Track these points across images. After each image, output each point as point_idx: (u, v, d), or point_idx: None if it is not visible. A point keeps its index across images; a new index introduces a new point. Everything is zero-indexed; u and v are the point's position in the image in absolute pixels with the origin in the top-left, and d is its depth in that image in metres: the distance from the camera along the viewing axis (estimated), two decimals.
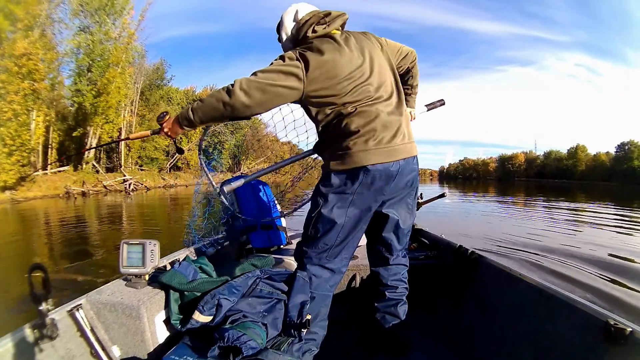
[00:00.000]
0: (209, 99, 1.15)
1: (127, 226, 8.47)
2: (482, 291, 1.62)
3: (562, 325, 1.08)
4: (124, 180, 21.77)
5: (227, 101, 1.11)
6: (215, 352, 0.91)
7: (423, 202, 2.46)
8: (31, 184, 16.15)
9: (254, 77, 1.13)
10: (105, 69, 21.59)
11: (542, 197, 19.39)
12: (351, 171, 1.19)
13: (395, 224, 1.34)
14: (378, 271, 1.46)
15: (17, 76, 15.71)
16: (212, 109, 1.14)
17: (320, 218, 1.24)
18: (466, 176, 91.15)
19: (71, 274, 3.94)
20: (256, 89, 1.11)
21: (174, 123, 1.23)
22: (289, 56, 1.17)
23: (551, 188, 34.27)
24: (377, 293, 1.47)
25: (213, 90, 1.13)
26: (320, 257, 1.28)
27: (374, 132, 1.18)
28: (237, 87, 1.10)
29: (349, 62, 1.19)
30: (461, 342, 1.55)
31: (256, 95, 1.12)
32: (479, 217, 10.33)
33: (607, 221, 9.29)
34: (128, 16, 23.63)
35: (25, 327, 0.95)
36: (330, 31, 1.25)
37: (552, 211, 12.06)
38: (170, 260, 1.60)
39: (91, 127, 21.37)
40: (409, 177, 1.27)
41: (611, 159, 57.26)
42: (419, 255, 2.04)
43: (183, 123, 1.21)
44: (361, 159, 1.17)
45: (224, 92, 1.12)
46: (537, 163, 72.99)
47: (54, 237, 7.04)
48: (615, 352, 0.89)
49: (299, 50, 1.20)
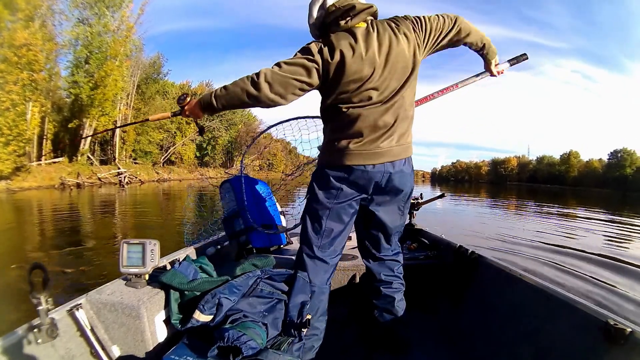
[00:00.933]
0: (233, 88, 1.17)
1: (123, 219, 8.54)
2: (482, 291, 1.62)
3: (562, 325, 1.08)
4: (118, 173, 21.84)
5: (252, 93, 1.14)
6: (215, 352, 0.91)
7: (423, 202, 2.49)
8: (26, 174, 16.22)
9: (279, 70, 1.15)
10: (103, 61, 21.67)
11: (534, 202, 19.64)
12: (336, 168, 1.27)
13: (381, 222, 1.37)
14: (370, 266, 1.49)
15: (17, 66, 15.74)
16: (235, 98, 1.17)
17: (308, 211, 1.34)
18: (458, 179, 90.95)
19: (66, 267, 3.94)
20: (279, 83, 1.14)
21: (196, 106, 1.27)
22: (312, 49, 1.19)
23: (543, 193, 34.69)
24: (372, 290, 1.49)
25: (238, 80, 1.16)
26: (313, 249, 1.33)
27: (360, 134, 1.23)
28: (262, 80, 1.13)
29: (359, 63, 1.19)
30: (461, 342, 1.55)
31: (279, 90, 1.15)
32: (473, 217, 10.58)
33: (600, 226, 9.53)
34: (127, 9, 23.69)
35: (25, 327, 0.95)
36: (352, 25, 1.23)
37: (545, 215, 12.26)
38: (170, 260, 1.60)
39: (87, 119, 21.39)
40: (397, 179, 1.29)
41: (604, 165, 57.36)
42: (419, 255, 2.04)
43: (205, 108, 1.25)
44: (344, 159, 1.24)
45: (249, 84, 1.14)
46: (530, 168, 73.19)
47: (50, 226, 7.06)
48: (615, 352, 0.89)
49: (320, 44, 1.21)
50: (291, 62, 1.17)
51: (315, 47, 1.19)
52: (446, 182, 78.25)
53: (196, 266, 1.32)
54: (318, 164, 1.37)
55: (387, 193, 1.31)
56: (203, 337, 1.04)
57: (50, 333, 0.93)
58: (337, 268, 1.84)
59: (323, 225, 1.32)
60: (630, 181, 48.62)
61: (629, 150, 53.44)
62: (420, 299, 1.75)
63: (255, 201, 2.11)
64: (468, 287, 1.71)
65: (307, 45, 1.22)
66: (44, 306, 0.90)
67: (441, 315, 1.79)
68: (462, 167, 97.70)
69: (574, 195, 32.55)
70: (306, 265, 1.33)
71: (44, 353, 0.96)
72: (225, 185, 2.14)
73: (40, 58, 17.13)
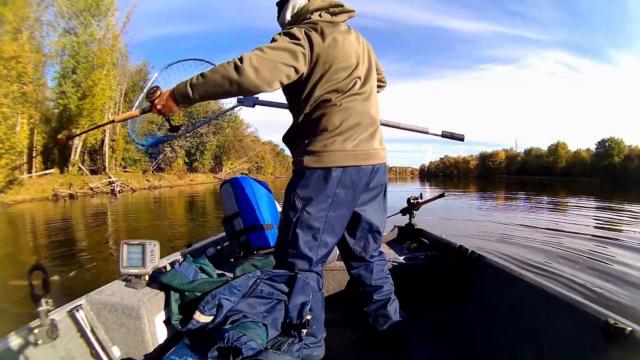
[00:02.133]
0: (212, 75, 1.04)
1: (120, 227, 8.62)
2: (482, 291, 1.62)
3: (562, 325, 1.08)
4: (109, 182, 21.81)
5: (234, 79, 1.02)
6: (215, 353, 0.91)
7: (423, 202, 2.49)
8: (19, 187, 16.14)
9: (263, 54, 1.04)
10: (90, 70, 21.69)
11: (523, 193, 19.99)
12: (329, 170, 1.16)
13: (369, 223, 1.34)
14: (359, 273, 1.44)
15: (6, 79, 15.73)
16: (215, 86, 1.05)
17: (300, 222, 1.20)
18: (447, 174, 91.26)
19: (64, 275, 4.00)
20: (267, 67, 1.03)
21: (169, 99, 1.12)
22: (296, 34, 1.10)
23: (532, 184, 34.93)
24: (364, 297, 1.45)
25: (216, 66, 1.07)
26: (305, 260, 1.24)
27: (354, 132, 1.18)
28: (246, 64, 1.01)
29: (348, 51, 1.19)
30: (461, 342, 1.55)
31: (266, 75, 1.04)
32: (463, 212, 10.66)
33: (590, 212, 10.22)
34: (112, 17, 23.72)
35: (25, 328, 0.95)
36: (336, 21, 1.23)
37: (535, 206, 12.57)
38: (170, 260, 1.60)
39: (77, 129, 21.32)
40: (380, 174, 1.29)
41: (592, 155, 57.95)
42: (419, 255, 2.04)
43: (180, 100, 1.10)
44: (339, 160, 1.16)
45: (231, 69, 1.02)
46: (518, 160, 73.62)
47: (49, 238, 6.98)
48: (615, 352, 0.90)
49: (304, 28, 1.14)
50: (275, 46, 1.07)
51: (299, 31, 1.11)
52: (435, 177, 78.51)
53: (196, 267, 1.32)
54: (300, 166, 1.21)
55: (370, 190, 1.30)
56: (203, 337, 1.04)
57: (50, 334, 0.94)
58: (337, 268, 1.89)
59: (319, 238, 1.21)
60: (619, 169, 49.54)
61: (616, 139, 54.35)
62: (420, 299, 1.77)
63: (255, 201, 2.09)
64: (468, 287, 1.71)
65: (289, 30, 1.13)
66: (44, 307, 0.90)
67: (441, 315, 1.79)
68: (450, 162, 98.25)
69: (563, 185, 32.92)
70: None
71: (44, 354, 0.96)
72: (225, 186, 2.12)
73: (29, 70, 17.16)
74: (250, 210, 2.00)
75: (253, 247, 1.94)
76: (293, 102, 1.26)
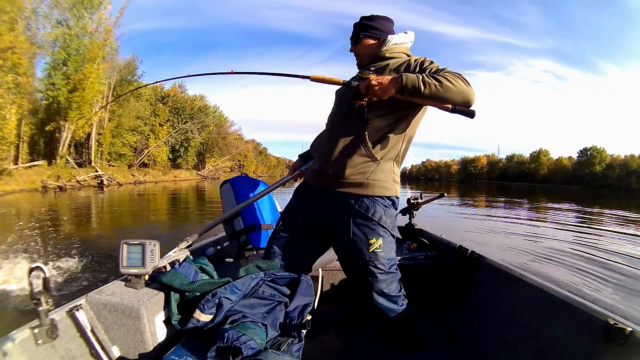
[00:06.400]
0: (446, 81, 1.13)
1: (113, 221, 8.73)
2: (482, 291, 1.62)
3: (562, 325, 1.08)
4: (96, 175, 21.85)
5: (466, 90, 1.14)
6: (215, 353, 0.91)
7: (423, 202, 2.49)
8: (8, 178, 16.11)
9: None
10: (81, 63, 21.58)
11: (504, 198, 20.46)
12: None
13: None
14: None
15: (1, 69, 15.71)
16: (449, 90, 1.13)
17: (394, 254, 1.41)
18: (428, 177, 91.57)
19: (65, 273, 4.01)
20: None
21: (391, 82, 1.17)
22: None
23: (513, 190, 35.34)
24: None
25: (442, 74, 1.14)
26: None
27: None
28: (468, 80, 1.15)
29: None
30: (461, 342, 1.55)
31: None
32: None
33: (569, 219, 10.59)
34: (105, 10, 23.63)
35: (25, 328, 0.94)
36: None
37: (514, 210, 13.16)
38: (170, 260, 1.58)
39: (66, 121, 21.27)
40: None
41: (573, 163, 58.26)
42: (419, 255, 2.05)
43: (406, 88, 1.15)
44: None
45: (463, 81, 1.14)
46: (500, 166, 73.85)
47: (45, 230, 6.74)
48: (615, 352, 0.89)
49: None
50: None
51: None
52: (416, 181, 78.44)
53: (196, 267, 1.31)
54: (391, 199, 1.35)
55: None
56: (203, 337, 1.04)
57: (50, 334, 0.94)
58: (337, 268, 1.91)
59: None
60: (600, 177, 50.09)
61: (599, 148, 54.56)
62: (420, 299, 1.75)
63: (255, 202, 2.02)
64: (468, 287, 1.71)
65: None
66: (44, 307, 0.90)
67: (441, 315, 1.79)
68: (432, 166, 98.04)
69: (544, 192, 33.25)
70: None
71: (44, 354, 0.95)
72: (225, 186, 2.12)
73: (24, 61, 17.15)
74: (250, 210, 1.99)
75: (253, 246, 1.93)
76: (404, 138, 1.36)
